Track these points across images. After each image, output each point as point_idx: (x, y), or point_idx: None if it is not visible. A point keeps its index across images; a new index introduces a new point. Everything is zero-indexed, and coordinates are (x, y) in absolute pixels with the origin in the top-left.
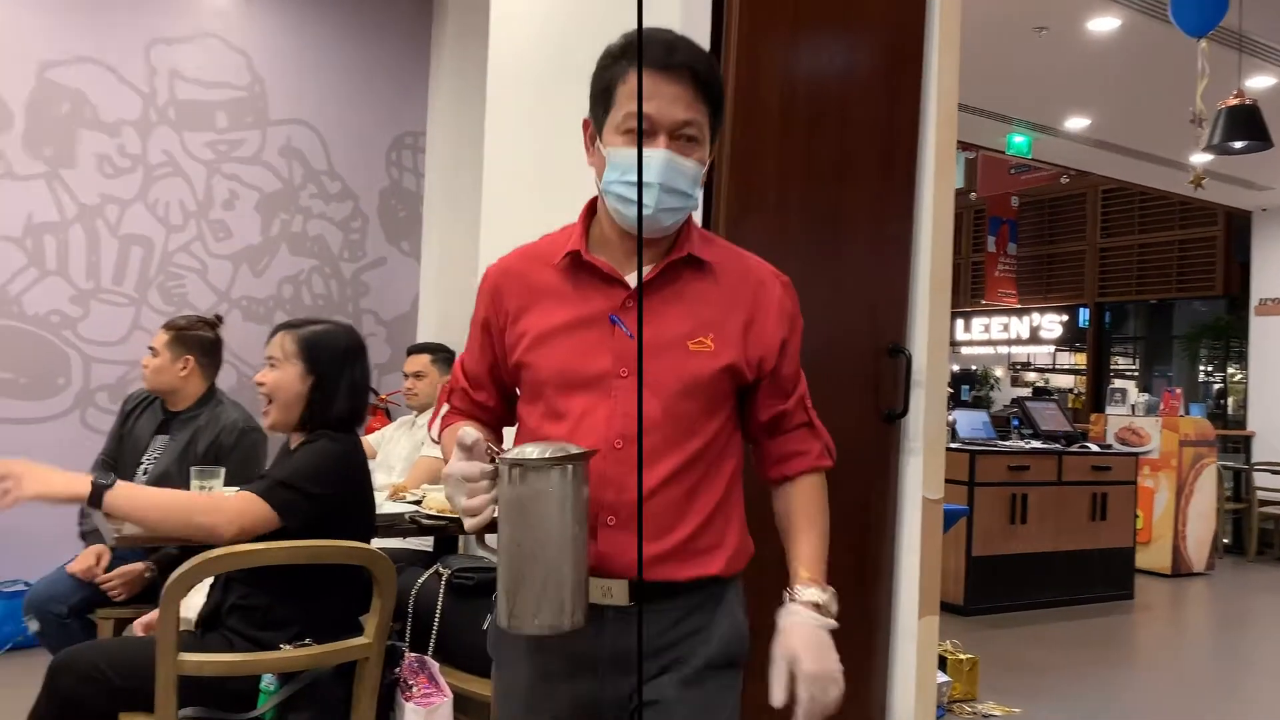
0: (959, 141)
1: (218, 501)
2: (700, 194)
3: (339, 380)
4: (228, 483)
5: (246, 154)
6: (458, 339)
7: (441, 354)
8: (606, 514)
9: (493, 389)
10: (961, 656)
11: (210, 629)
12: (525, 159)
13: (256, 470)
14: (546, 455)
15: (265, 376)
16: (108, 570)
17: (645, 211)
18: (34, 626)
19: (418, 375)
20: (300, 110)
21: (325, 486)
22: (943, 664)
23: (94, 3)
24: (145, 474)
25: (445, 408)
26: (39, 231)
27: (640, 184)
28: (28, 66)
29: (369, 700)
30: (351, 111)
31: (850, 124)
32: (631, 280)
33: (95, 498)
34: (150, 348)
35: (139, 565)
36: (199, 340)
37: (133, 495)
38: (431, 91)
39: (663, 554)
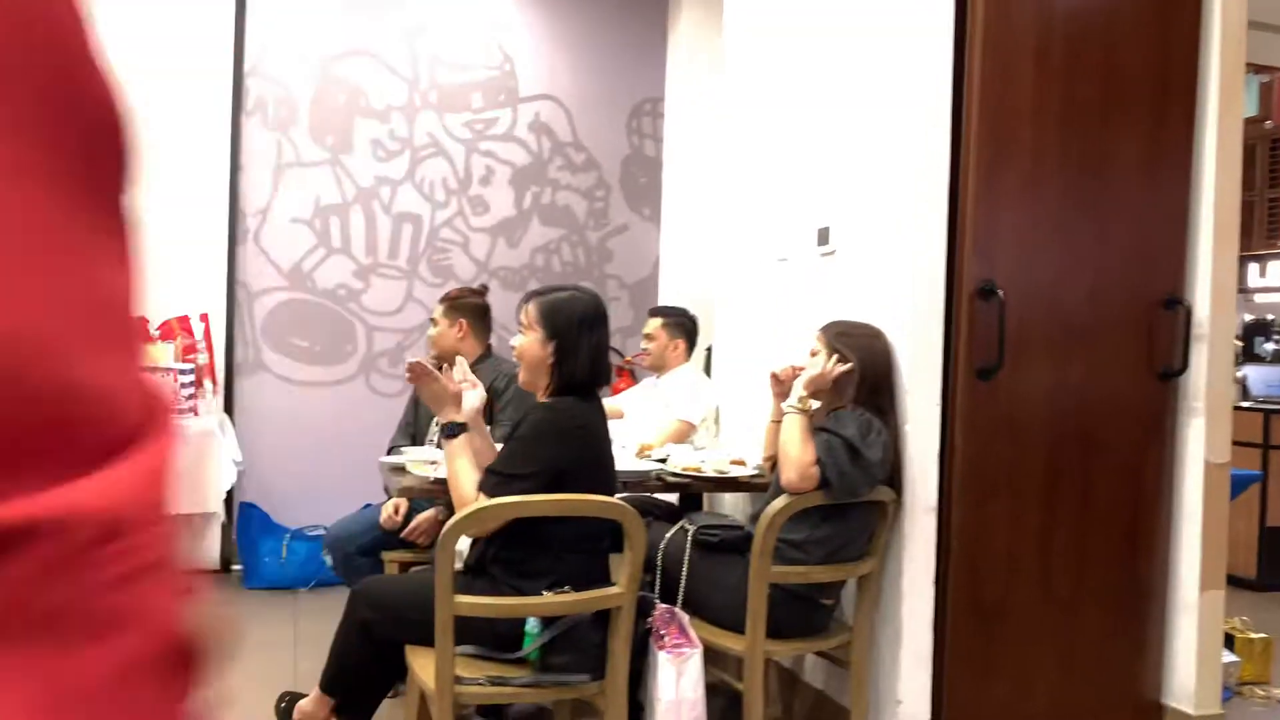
0: (1249, 64)
1: (461, 489)
2: None
3: (578, 345)
4: (506, 418)
5: (499, 131)
6: (696, 302)
7: (673, 318)
8: None
9: None
10: (1253, 635)
11: (478, 575)
12: (764, 116)
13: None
14: None
15: (517, 341)
16: (406, 517)
17: None
18: (329, 561)
19: (649, 338)
20: (546, 85)
21: (531, 464)
22: (1230, 642)
23: None
24: (438, 428)
25: None
26: (325, 213)
27: None
28: (311, 63)
29: (623, 647)
30: (594, 82)
31: (1116, 55)
32: None
33: (451, 430)
34: (431, 319)
35: (432, 512)
36: (470, 306)
37: (447, 453)
38: (670, 55)
39: None
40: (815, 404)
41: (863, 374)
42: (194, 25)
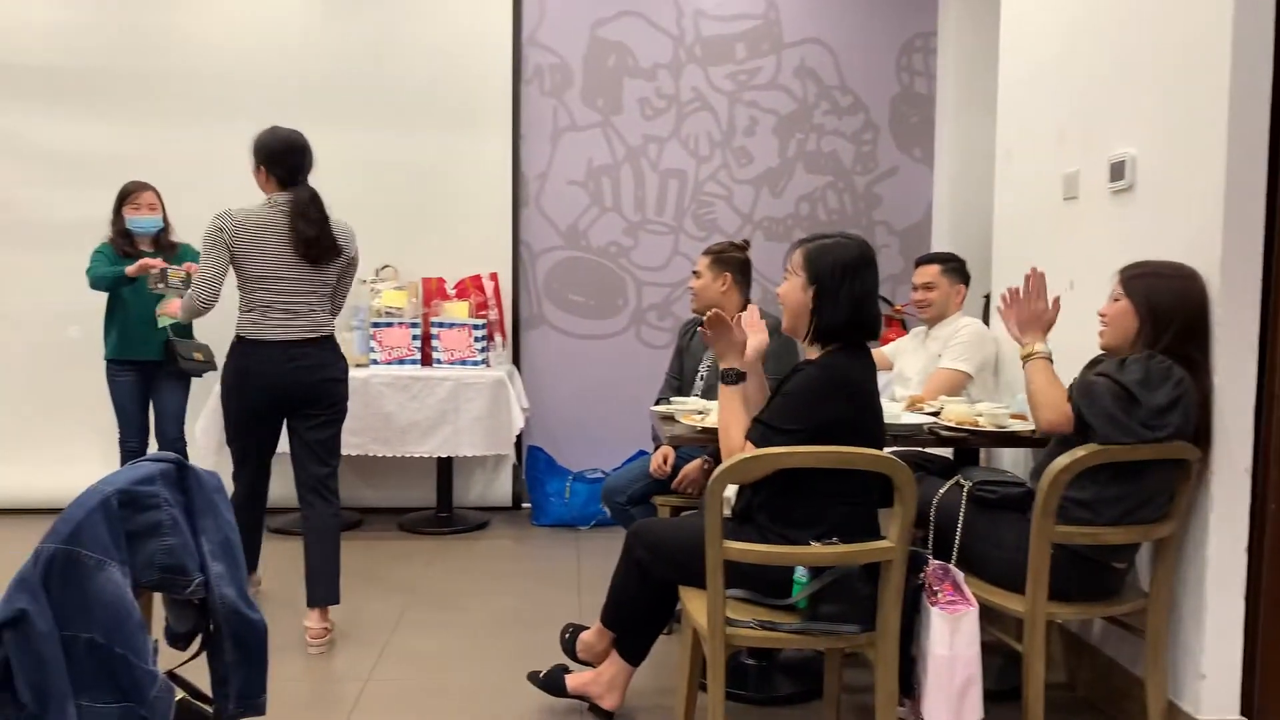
0: None
1: (730, 435)
2: None
3: (838, 291)
4: (767, 370)
5: (763, 80)
6: (971, 247)
7: (952, 264)
8: None
9: None
10: None
11: (745, 522)
12: (1047, 44)
13: (788, 363)
14: None
15: (781, 288)
16: (674, 466)
17: None
18: (607, 511)
19: (928, 286)
20: (811, 29)
21: (800, 420)
22: None
23: None
24: (702, 380)
25: None
26: (597, 174)
27: None
28: (582, 28)
29: (894, 600)
30: (860, 21)
31: None
32: None
33: (731, 377)
34: (694, 271)
35: (697, 462)
36: (734, 260)
37: (722, 399)
38: None
39: None
40: (1041, 346)
41: (1169, 319)
42: (476, 1)
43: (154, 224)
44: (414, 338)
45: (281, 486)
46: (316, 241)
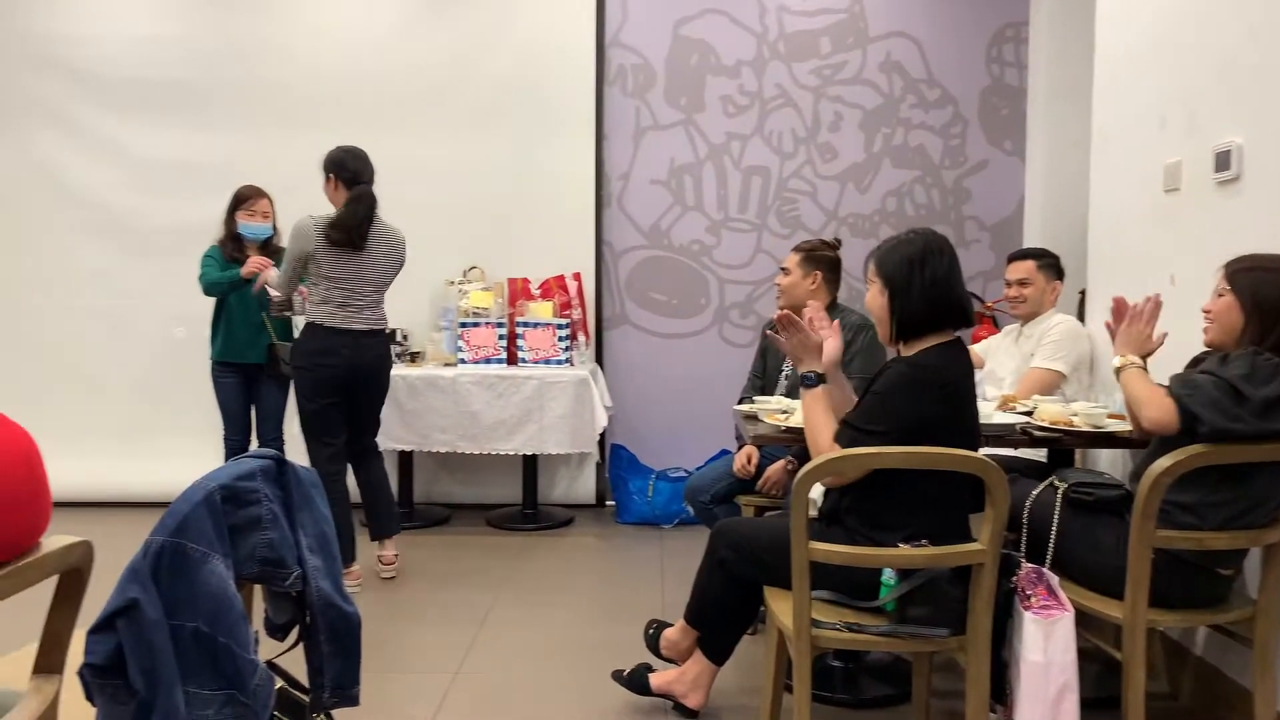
0: None
1: (818, 443)
2: None
3: (910, 284)
4: (855, 370)
5: (848, 75)
6: (1064, 241)
7: (1047, 259)
8: None
9: None
10: None
11: (832, 523)
12: (1147, 21)
13: (876, 361)
14: None
15: (866, 298)
16: (758, 466)
17: None
18: (690, 510)
19: (1022, 283)
20: (897, 21)
21: (886, 420)
22: None
23: None
24: (785, 379)
25: None
26: (680, 173)
27: None
28: (665, 27)
29: (985, 604)
30: (948, 12)
31: None
32: None
33: (810, 380)
34: (783, 268)
35: (781, 463)
36: (824, 259)
37: (804, 404)
38: None
39: None
40: (1136, 360)
41: (1277, 314)
42: (559, 4)
43: (265, 231)
44: (500, 337)
45: None
46: (342, 226)
